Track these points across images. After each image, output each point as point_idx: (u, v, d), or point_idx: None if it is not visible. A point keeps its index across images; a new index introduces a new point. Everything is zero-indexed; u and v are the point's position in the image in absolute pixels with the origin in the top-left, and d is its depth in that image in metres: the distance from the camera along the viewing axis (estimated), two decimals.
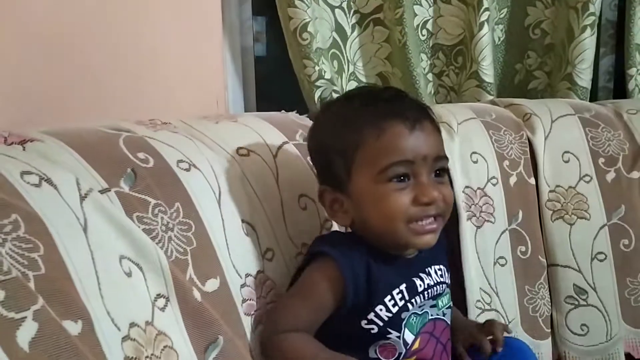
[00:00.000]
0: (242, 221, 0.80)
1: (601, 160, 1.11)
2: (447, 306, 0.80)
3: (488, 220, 1.05)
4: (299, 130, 0.96)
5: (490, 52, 1.27)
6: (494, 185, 1.07)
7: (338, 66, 1.28)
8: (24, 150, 0.62)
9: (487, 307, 1.00)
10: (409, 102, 0.76)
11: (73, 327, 0.51)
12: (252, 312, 0.75)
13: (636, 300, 1.07)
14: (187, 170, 0.76)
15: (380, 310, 0.73)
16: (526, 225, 1.07)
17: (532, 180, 1.10)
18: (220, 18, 1.27)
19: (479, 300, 1.00)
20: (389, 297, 0.73)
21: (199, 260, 0.71)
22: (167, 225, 0.69)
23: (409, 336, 0.74)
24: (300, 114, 1.05)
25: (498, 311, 1.01)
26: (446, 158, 0.76)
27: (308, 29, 1.19)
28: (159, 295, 0.63)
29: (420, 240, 0.72)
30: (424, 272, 0.78)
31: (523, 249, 1.06)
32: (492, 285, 1.02)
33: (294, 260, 0.83)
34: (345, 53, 1.30)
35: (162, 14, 1.20)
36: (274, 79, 1.39)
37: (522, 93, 1.39)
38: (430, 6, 1.31)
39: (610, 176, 1.11)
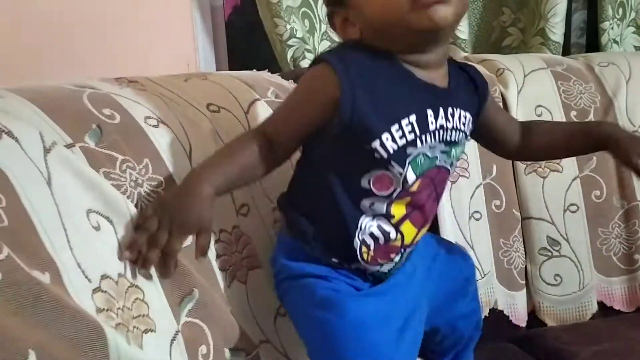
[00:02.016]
0: None
1: (573, 113, 1.12)
2: (457, 158, 0.73)
3: (462, 175, 1.05)
4: (271, 87, 0.95)
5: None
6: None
7: (310, 25, 1.26)
8: None
9: None
10: None
11: (41, 278, 0.50)
12: (227, 267, 0.75)
13: (607, 250, 1.09)
14: (156, 126, 0.75)
15: (387, 139, 0.64)
16: (500, 180, 1.08)
17: None
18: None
19: None
20: (395, 126, 0.65)
21: None
22: (137, 181, 0.68)
23: (410, 175, 0.67)
24: (272, 74, 1.04)
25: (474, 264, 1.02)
26: None
27: None
28: None
29: (426, 14, 0.61)
30: (445, 109, 0.68)
31: (497, 202, 1.07)
32: (467, 239, 1.03)
33: (270, 215, 0.82)
34: (317, 11, 1.28)
35: None
36: (245, 40, 1.37)
37: (496, 50, 1.38)
38: None
39: None
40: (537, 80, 1.14)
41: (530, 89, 1.13)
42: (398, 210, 0.69)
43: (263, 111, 0.89)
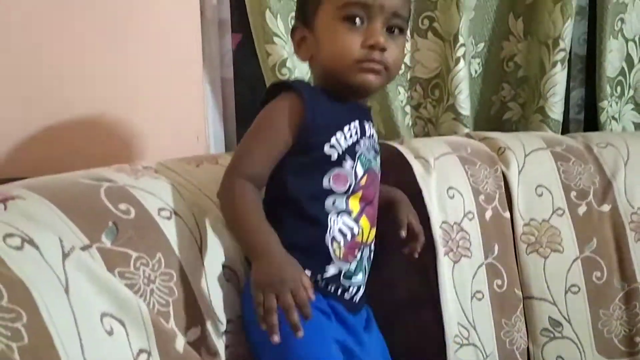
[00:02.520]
0: (224, 267, 0.81)
1: (573, 193, 1.15)
2: (379, 168, 0.87)
3: (465, 255, 1.07)
4: None
5: (467, 86, 1.30)
6: (470, 220, 1.09)
7: None
8: (5, 209, 0.62)
9: (465, 341, 1.02)
10: None
11: None
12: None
13: (609, 332, 1.10)
14: (168, 218, 0.77)
15: (340, 137, 0.79)
16: (502, 259, 1.09)
17: (507, 214, 1.12)
18: (201, 51, 1.28)
19: (457, 335, 1.02)
20: (346, 127, 0.80)
21: (180, 310, 0.72)
22: (149, 277, 0.70)
23: (359, 169, 0.81)
24: None
25: (476, 345, 1.03)
26: (405, 21, 0.82)
27: (287, 65, 1.21)
28: (141, 351, 0.64)
29: (361, 78, 0.79)
30: (369, 124, 0.86)
31: (499, 282, 1.09)
32: (469, 319, 1.04)
33: None
34: None
35: (142, 47, 1.21)
36: (254, 111, 1.40)
37: (497, 123, 1.42)
38: (407, 40, 1.34)
39: (582, 209, 1.14)
40: (538, 161, 1.17)
41: (531, 169, 1.16)
42: (354, 205, 0.81)
43: None
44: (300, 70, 1.26)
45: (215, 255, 0.80)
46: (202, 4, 1.26)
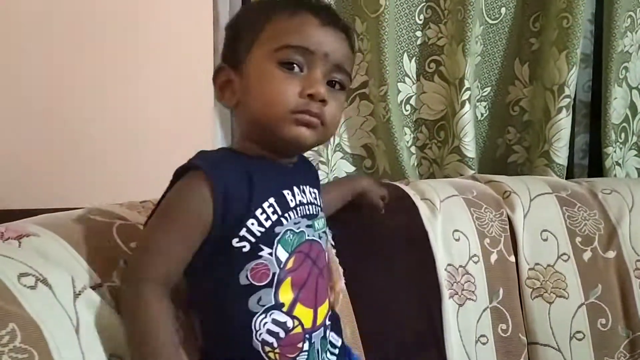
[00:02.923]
0: None
1: (578, 239, 1.15)
2: (322, 230, 0.76)
3: (470, 299, 1.07)
4: None
5: (472, 129, 1.32)
6: (475, 263, 1.09)
7: None
8: (20, 247, 0.63)
9: None
10: (334, 13, 0.74)
11: None
12: None
13: None
14: None
15: (252, 224, 0.67)
16: (507, 303, 1.09)
17: (512, 258, 1.13)
18: (213, 89, 1.30)
19: None
20: (259, 210, 0.68)
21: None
22: None
23: (282, 253, 0.68)
24: None
25: None
26: (348, 78, 0.73)
27: None
28: None
29: (294, 131, 0.68)
30: (298, 187, 0.73)
31: (504, 327, 1.08)
32: None
33: None
34: None
35: (155, 82, 1.24)
36: None
37: (502, 166, 1.44)
38: (413, 83, 1.36)
39: (587, 255, 1.14)
40: (543, 205, 1.18)
41: (536, 214, 1.16)
42: (285, 295, 0.68)
43: None
44: None
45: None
46: (216, 43, 1.30)
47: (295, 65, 0.69)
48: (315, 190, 0.78)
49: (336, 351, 0.76)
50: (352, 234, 0.98)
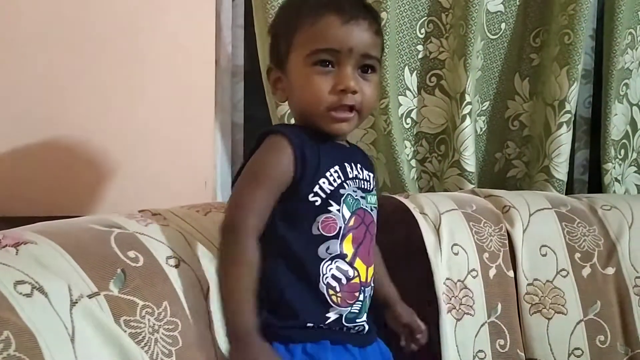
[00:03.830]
0: None
1: (577, 255, 1.15)
2: (374, 205, 0.85)
3: (468, 313, 1.06)
4: None
5: (472, 143, 1.32)
6: (473, 277, 1.09)
7: None
8: (17, 254, 0.63)
9: None
10: (354, 3, 0.81)
11: None
12: None
13: None
14: (176, 266, 0.78)
15: (324, 183, 0.78)
16: (505, 319, 1.09)
17: (511, 273, 1.12)
18: (214, 98, 1.31)
19: None
20: (328, 172, 0.79)
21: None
22: (153, 327, 0.70)
23: (345, 211, 0.79)
24: None
25: None
26: (377, 59, 0.82)
27: None
28: None
29: (333, 127, 0.80)
30: (355, 164, 0.84)
31: (502, 342, 1.08)
32: None
33: None
34: None
35: (157, 92, 1.24)
36: None
37: (501, 180, 1.44)
38: (414, 96, 1.37)
39: (586, 271, 1.14)
40: (542, 220, 1.17)
41: (535, 229, 1.16)
42: (348, 248, 0.79)
43: None
44: None
45: (219, 304, 0.80)
46: (217, 52, 1.30)
47: (327, 63, 0.78)
48: (370, 174, 0.87)
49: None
50: None
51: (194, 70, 1.27)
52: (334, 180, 0.79)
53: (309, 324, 0.76)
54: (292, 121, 0.89)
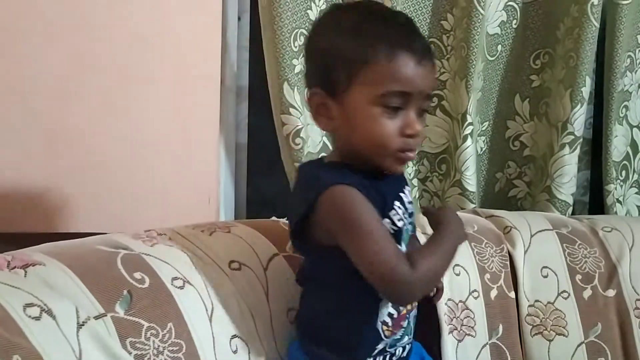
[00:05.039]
0: (234, 337, 0.81)
1: (578, 277, 1.15)
2: (414, 225, 0.85)
3: (469, 334, 1.07)
4: (290, 240, 0.98)
5: (474, 163, 1.33)
6: (475, 298, 1.09)
7: None
8: (25, 276, 0.64)
9: None
10: (419, 33, 0.79)
11: None
12: None
13: None
14: (181, 287, 0.79)
15: (388, 223, 0.77)
16: (506, 340, 1.09)
17: (512, 294, 1.13)
18: (218, 117, 1.32)
19: None
20: (393, 211, 0.78)
21: None
22: (158, 348, 0.70)
23: (403, 249, 0.79)
24: None
25: None
26: (432, 98, 0.82)
27: (301, 135, 1.25)
28: None
29: (397, 167, 0.78)
30: (404, 188, 0.84)
31: None
32: None
33: None
34: None
35: (162, 110, 1.25)
36: (265, 177, 1.43)
37: (502, 200, 1.45)
38: None
39: (587, 293, 1.14)
40: (543, 242, 1.18)
41: (536, 250, 1.17)
42: None
43: (281, 267, 0.93)
44: (314, 140, 1.29)
45: (225, 327, 0.81)
46: (223, 72, 1.32)
47: (397, 108, 0.75)
48: (409, 189, 0.86)
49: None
50: None
51: (199, 88, 1.29)
52: (399, 220, 0.78)
53: (361, 357, 0.79)
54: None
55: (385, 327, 0.80)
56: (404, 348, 0.85)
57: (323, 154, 0.96)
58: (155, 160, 1.25)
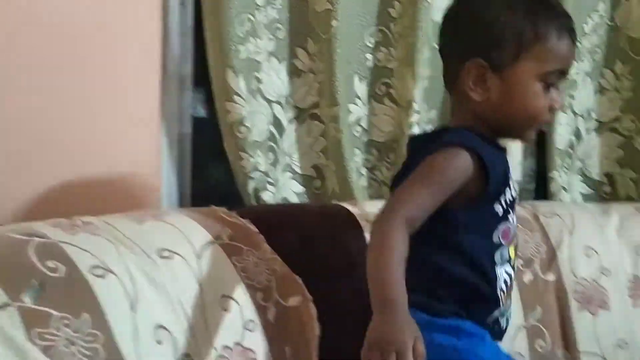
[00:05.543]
0: (159, 327, 0.79)
1: (519, 261, 1.16)
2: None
3: None
4: (226, 228, 0.97)
5: None
6: None
7: (273, 158, 1.31)
8: None
9: None
10: (574, 26, 0.85)
11: None
12: None
13: None
14: (102, 277, 0.76)
15: (507, 194, 0.83)
16: None
17: None
18: (159, 106, 1.29)
19: None
20: (510, 182, 0.85)
21: None
22: (70, 339, 0.68)
23: (515, 218, 0.86)
24: (230, 209, 1.06)
25: None
26: None
27: (245, 123, 1.23)
28: None
29: (532, 136, 0.88)
30: (510, 164, 0.89)
31: None
32: None
33: None
34: (281, 146, 1.33)
35: (99, 100, 1.22)
36: (209, 167, 1.41)
37: None
38: (365, 104, 1.37)
39: (528, 277, 1.16)
40: None
41: None
42: (512, 252, 0.86)
43: (216, 255, 0.91)
44: (259, 128, 1.27)
45: (148, 316, 0.78)
46: (164, 59, 1.29)
47: (552, 85, 0.82)
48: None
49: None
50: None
51: (140, 77, 1.26)
52: (514, 190, 0.86)
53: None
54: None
55: (502, 294, 0.84)
56: (507, 321, 0.88)
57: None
58: (95, 152, 1.22)
